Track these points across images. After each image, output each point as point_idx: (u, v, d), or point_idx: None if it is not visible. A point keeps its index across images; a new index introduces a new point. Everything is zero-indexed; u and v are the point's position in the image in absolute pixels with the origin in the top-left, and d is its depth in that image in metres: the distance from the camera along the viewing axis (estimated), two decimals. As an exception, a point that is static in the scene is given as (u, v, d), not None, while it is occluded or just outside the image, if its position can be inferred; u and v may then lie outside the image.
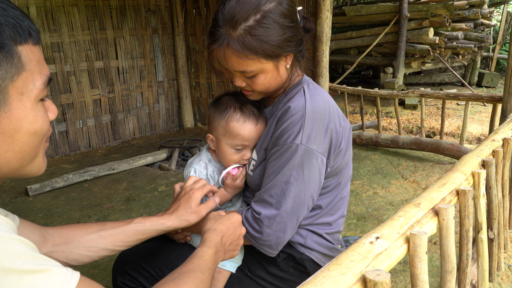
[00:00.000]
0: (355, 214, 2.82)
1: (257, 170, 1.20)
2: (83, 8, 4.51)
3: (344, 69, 9.52)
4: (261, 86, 1.14)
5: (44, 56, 4.58)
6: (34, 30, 0.70)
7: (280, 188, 1.09)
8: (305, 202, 1.12)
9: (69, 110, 4.57)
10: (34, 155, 0.73)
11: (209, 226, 1.04)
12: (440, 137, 4.27)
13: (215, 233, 1.01)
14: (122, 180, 3.69)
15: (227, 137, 1.22)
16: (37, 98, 0.70)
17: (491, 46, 9.33)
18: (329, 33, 3.80)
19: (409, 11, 6.50)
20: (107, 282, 2.14)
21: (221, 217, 1.08)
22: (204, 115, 5.72)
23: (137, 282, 1.21)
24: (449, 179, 1.32)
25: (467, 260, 1.35)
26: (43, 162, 0.78)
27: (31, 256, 0.60)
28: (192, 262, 0.89)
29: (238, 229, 1.08)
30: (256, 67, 1.08)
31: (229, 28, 1.04)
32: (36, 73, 0.70)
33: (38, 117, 0.70)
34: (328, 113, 1.13)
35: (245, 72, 1.10)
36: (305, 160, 1.08)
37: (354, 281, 0.75)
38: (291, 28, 1.09)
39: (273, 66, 1.11)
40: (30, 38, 0.69)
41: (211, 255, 0.94)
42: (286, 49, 1.09)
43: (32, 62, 0.69)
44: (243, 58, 1.06)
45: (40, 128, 0.71)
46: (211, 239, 0.99)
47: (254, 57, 1.06)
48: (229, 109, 1.22)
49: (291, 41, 1.09)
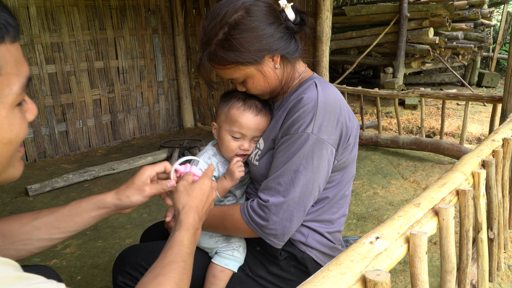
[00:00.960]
0: (355, 214, 2.82)
1: (263, 159, 1.22)
2: (83, 8, 4.51)
3: (344, 69, 9.52)
4: (254, 90, 1.22)
5: (44, 56, 4.54)
6: (11, 26, 0.61)
7: (289, 177, 1.10)
8: (313, 192, 1.13)
9: (69, 110, 4.57)
10: (8, 164, 0.67)
11: (183, 203, 0.97)
12: (440, 137, 4.27)
13: (191, 210, 0.95)
14: (122, 180, 3.69)
15: (227, 123, 1.27)
16: (13, 104, 0.63)
17: (491, 46, 9.33)
18: (329, 33, 3.79)
19: (409, 11, 6.50)
20: (108, 282, 2.14)
21: (192, 188, 1.01)
22: (204, 115, 5.72)
23: (137, 281, 1.21)
24: (449, 179, 1.33)
25: (467, 260, 1.35)
26: (18, 168, 0.71)
27: (16, 278, 0.54)
28: (172, 251, 0.84)
29: (210, 196, 1.03)
30: (239, 74, 1.17)
31: (206, 46, 1.16)
32: (13, 76, 0.62)
33: (14, 125, 0.63)
34: (339, 106, 1.15)
35: (234, 79, 1.20)
36: (315, 149, 1.10)
37: (354, 281, 0.75)
38: (265, 30, 1.13)
39: (256, 70, 1.17)
40: (7, 35, 0.60)
41: (190, 238, 0.89)
42: (263, 52, 1.14)
43: (8, 64, 0.61)
44: (223, 69, 1.17)
45: (16, 137, 0.64)
46: (188, 219, 0.93)
47: (232, 66, 1.15)
48: (233, 98, 1.28)
49: (267, 43, 1.14)
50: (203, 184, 1.03)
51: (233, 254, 1.26)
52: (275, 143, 1.19)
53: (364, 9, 7.00)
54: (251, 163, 1.27)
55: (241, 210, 1.17)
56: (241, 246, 1.29)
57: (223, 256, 1.26)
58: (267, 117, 1.28)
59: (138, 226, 2.74)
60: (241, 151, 1.27)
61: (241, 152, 1.27)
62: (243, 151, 1.27)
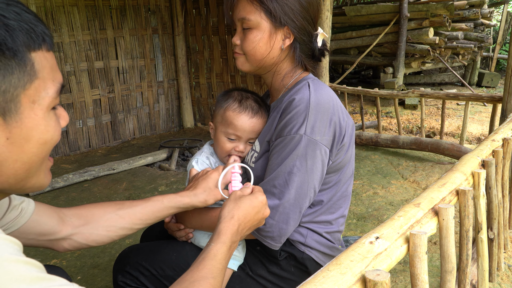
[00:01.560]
0: (355, 214, 2.82)
1: (259, 161, 1.21)
2: (83, 8, 4.51)
3: (344, 69, 9.52)
4: (250, 45, 1.18)
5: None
6: (48, 36, 0.68)
7: (283, 179, 1.10)
8: (308, 193, 1.12)
9: (69, 110, 4.57)
10: (40, 166, 0.71)
11: (226, 212, 0.94)
12: (440, 137, 4.27)
13: (232, 222, 0.92)
14: (122, 180, 3.69)
15: (223, 124, 1.27)
16: (49, 106, 0.68)
17: (491, 46, 9.33)
18: (329, 33, 3.79)
19: (409, 11, 6.50)
20: (108, 282, 2.14)
21: (241, 199, 0.97)
22: (204, 115, 5.72)
23: (138, 281, 1.21)
24: (449, 179, 1.33)
25: (467, 260, 1.35)
26: (48, 177, 0.74)
27: (37, 278, 0.56)
28: (204, 266, 0.82)
29: (260, 213, 0.98)
30: (254, 17, 1.14)
31: None
32: (49, 81, 0.67)
33: (50, 126, 0.68)
34: (332, 106, 1.15)
35: (244, 20, 1.16)
36: (308, 150, 1.09)
37: (354, 281, 0.76)
38: (305, 12, 1.15)
39: (269, 28, 1.16)
40: (44, 44, 0.67)
41: (225, 253, 0.87)
42: (289, 22, 1.14)
43: (45, 69, 0.67)
44: (247, 2, 1.13)
45: (51, 138, 0.69)
46: (227, 230, 0.90)
47: (258, 5, 1.12)
48: (230, 99, 1.27)
49: (297, 20, 1.15)
50: (256, 198, 0.99)
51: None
52: (270, 145, 1.18)
53: (364, 9, 7.00)
54: (247, 165, 1.27)
55: None
56: (241, 245, 1.29)
57: (223, 256, 1.26)
58: (263, 119, 1.27)
59: (138, 226, 2.74)
60: (235, 153, 1.27)
61: (235, 153, 1.28)
62: (237, 153, 1.28)
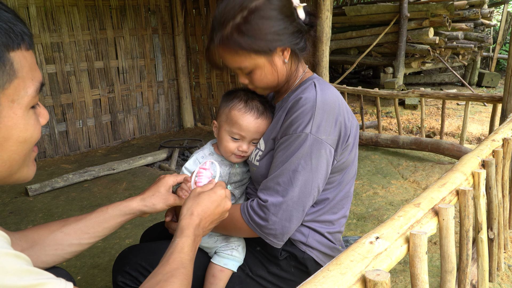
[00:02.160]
0: (355, 214, 2.82)
1: (264, 160, 1.22)
2: (83, 8, 4.51)
3: (344, 69, 9.52)
4: (260, 82, 1.18)
5: (44, 56, 4.56)
6: (27, 35, 0.68)
7: (287, 176, 1.10)
8: (312, 192, 1.13)
9: (69, 110, 4.57)
10: (23, 163, 0.72)
11: (185, 210, 0.98)
12: (440, 137, 4.27)
13: (192, 218, 0.96)
14: (122, 180, 3.69)
15: (227, 124, 1.27)
16: (28, 105, 0.68)
17: (491, 46, 9.32)
18: (329, 33, 3.79)
19: (409, 11, 6.50)
20: (107, 282, 2.14)
21: (200, 195, 1.01)
22: (204, 115, 5.72)
23: (137, 282, 1.21)
24: (449, 179, 1.33)
25: (467, 260, 1.35)
26: (32, 168, 0.76)
27: (27, 271, 0.59)
28: (174, 259, 0.86)
29: (220, 207, 1.01)
30: (249, 63, 1.13)
31: (220, 28, 1.11)
32: (28, 80, 0.68)
33: (29, 125, 0.69)
34: (338, 106, 1.15)
35: (241, 69, 1.15)
36: (313, 149, 1.10)
37: (354, 281, 0.75)
38: (282, 21, 1.11)
39: (267, 61, 1.14)
40: (23, 43, 0.67)
41: (190, 245, 0.91)
42: (277, 43, 1.12)
43: (24, 69, 0.67)
44: (234, 55, 1.12)
45: (30, 136, 0.70)
46: (189, 226, 0.94)
47: (244, 52, 1.11)
48: (235, 99, 1.27)
49: (282, 34, 1.12)
50: (214, 193, 1.01)
51: (232, 253, 1.26)
52: (275, 143, 1.19)
53: (364, 9, 7.00)
54: (251, 163, 1.27)
55: (241, 210, 1.17)
56: (240, 246, 1.29)
57: (222, 256, 1.26)
58: (268, 120, 1.27)
59: (138, 226, 2.74)
60: (239, 152, 1.28)
61: (239, 153, 1.28)
62: (241, 153, 1.28)
